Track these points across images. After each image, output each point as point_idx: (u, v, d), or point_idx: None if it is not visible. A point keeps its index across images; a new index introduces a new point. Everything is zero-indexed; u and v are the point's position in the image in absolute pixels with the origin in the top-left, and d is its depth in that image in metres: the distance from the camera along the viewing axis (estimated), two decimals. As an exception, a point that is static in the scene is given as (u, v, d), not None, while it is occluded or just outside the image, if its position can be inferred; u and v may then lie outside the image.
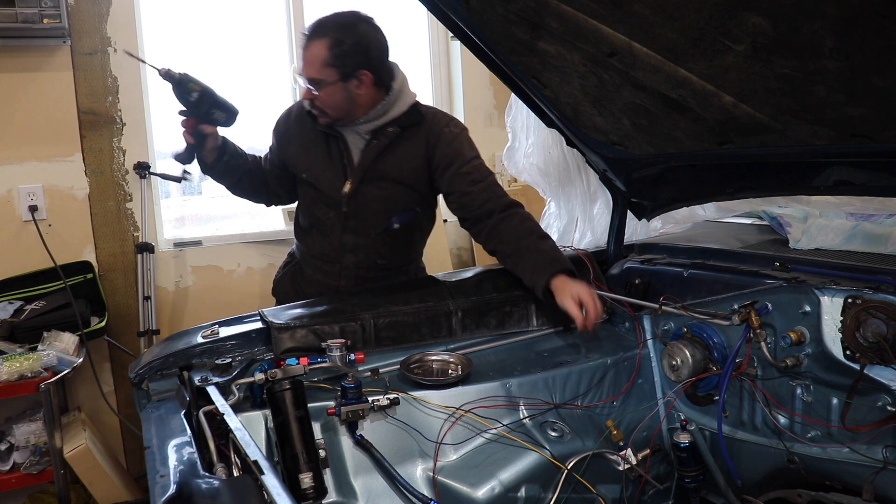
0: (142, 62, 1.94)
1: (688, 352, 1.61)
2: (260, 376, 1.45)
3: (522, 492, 1.51)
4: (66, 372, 2.35)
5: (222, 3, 3.16)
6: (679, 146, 1.72)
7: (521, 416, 1.60)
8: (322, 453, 1.41)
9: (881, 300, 1.34)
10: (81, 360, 2.43)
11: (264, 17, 3.34)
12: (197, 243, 3.16)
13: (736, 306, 1.55)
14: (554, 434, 1.59)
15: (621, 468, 1.59)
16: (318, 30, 1.84)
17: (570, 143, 2.04)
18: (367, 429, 1.49)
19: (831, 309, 1.41)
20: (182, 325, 3.06)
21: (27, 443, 2.44)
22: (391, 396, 1.48)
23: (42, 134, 2.77)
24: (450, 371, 1.65)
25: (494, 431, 1.55)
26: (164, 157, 3.08)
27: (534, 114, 2.03)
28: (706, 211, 2.45)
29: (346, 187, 1.98)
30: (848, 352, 1.38)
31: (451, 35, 2.48)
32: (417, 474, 1.49)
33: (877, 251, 1.83)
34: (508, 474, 1.51)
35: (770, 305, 1.51)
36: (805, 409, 1.49)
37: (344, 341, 1.52)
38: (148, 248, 2.95)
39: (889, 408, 1.34)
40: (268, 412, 1.42)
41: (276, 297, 2.26)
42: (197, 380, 1.45)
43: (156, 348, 1.66)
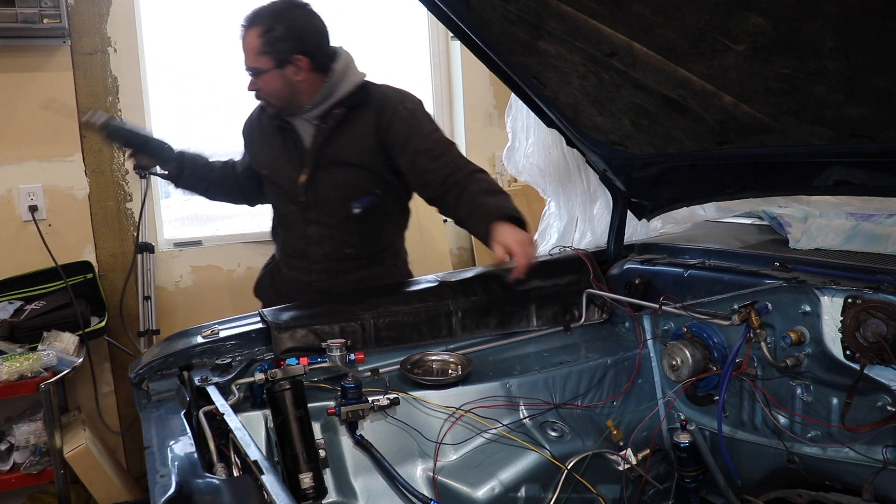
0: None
1: (688, 352, 1.61)
2: (260, 376, 1.45)
3: (522, 492, 1.51)
4: (66, 372, 2.35)
5: (222, 3, 3.16)
6: (679, 146, 1.72)
7: (521, 416, 1.60)
8: (322, 453, 1.41)
9: (881, 300, 1.34)
10: (81, 360, 2.44)
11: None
12: (197, 243, 3.17)
13: (736, 306, 1.55)
14: (554, 434, 1.59)
15: (621, 468, 1.60)
16: (252, 19, 1.87)
17: (570, 143, 2.04)
18: (367, 429, 1.49)
19: (831, 309, 1.41)
20: (182, 325, 3.04)
21: (27, 443, 2.44)
22: (391, 396, 1.48)
23: (42, 134, 2.78)
24: (450, 371, 1.65)
25: (494, 431, 1.55)
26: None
27: (534, 114, 2.02)
28: (706, 211, 2.45)
29: (302, 177, 1.97)
30: (848, 352, 1.38)
31: (451, 35, 2.48)
32: (417, 474, 1.49)
33: (877, 251, 1.83)
34: (508, 474, 1.51)
35: (770, 305, 1.51)
36: (805, 409, 1.49)
37: (344, 341, 1.52)
38: (148, 248, 2.95)
39: (889, 408, 1.34)
40: (268, 412, 1.42)
41: (259, 299, 2.26)
42: (197, 380, 1.46)
43: (156, 348, 1.66)
